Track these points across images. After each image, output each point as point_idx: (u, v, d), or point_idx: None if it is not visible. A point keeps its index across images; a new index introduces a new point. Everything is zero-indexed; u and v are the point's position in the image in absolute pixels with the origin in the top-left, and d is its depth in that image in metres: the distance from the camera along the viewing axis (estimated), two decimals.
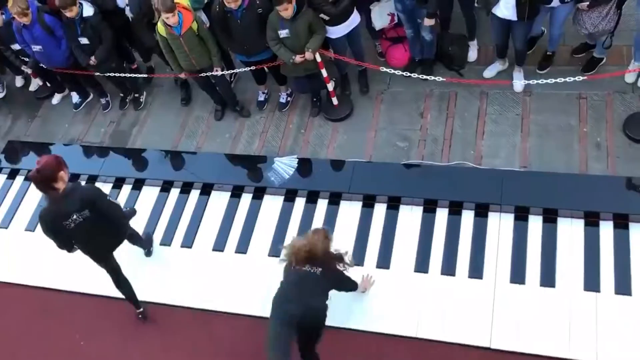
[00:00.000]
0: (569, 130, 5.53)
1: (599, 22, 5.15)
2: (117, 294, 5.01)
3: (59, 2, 5.95)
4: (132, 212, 5.28)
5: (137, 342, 5.03)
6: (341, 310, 4.61)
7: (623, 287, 4.38)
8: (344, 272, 4.24)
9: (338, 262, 4.16)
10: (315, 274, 3.98)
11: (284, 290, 4.06)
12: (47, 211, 4.31)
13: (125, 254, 5.08)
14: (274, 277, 4.91)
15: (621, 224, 4.66)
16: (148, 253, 5.43)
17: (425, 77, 5.64)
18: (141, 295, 5.13)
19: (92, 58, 6.36)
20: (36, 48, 6.47)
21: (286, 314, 3.92)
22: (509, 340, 4.32)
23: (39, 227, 5.83)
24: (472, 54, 6.28)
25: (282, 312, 3.95)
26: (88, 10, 6.12)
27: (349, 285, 4.43)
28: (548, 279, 4.53)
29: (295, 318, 3.89)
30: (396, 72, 5.71)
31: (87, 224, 4.33)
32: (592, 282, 4.44)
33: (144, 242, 5.35)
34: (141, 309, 5.06)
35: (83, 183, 6.01)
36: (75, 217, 4.27)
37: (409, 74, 5.66)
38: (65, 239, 4.48)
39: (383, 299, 4.73)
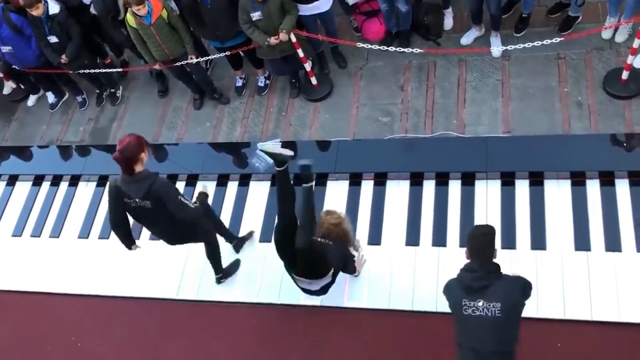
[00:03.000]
0: (549, 91, 5.53)
1: None
2: (108, 292, 4.98)
3: (24, 0, 5.82)
4: (204, 199, 4.66)
5: (134, 339, 5.01)
6: (337, 291, 4.62)
7: (613, 244, 4.41)
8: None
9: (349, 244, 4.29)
10: (323, 243, 4.04)
11: None
12: (115, 185, 4.17)
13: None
14: (266, 264, 4.94)
15: (607, 181, 4.67)
16: (236, 247, 5.13)
17: (402, 49, 5.59)
18: (136, 292, 5.13)
19: (63, 56, 6.25)
20: (5, 49, 6.36)
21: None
22: None
23: (25, 231, 5.87)
24: (448, 22, 6.24)
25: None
26: (54, 8, 6.01)
27: (351, 268, 4.44)
28: (539, 241, 4.54)
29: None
30: (373, 47, 5.66)
31: (147, 213, 4.19)
32: (582, 242, 4.46)
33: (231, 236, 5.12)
34: (220, 275, 4.94)
35: (66, 184, 5.97)
36: (138, 200, 4.12)
37: (385, 48, 5.61)
38: (125, 222, 4.35)
39: (376, 274, 4.73)
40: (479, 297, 3.37)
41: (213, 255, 4.81)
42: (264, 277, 4.93)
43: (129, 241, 4.48)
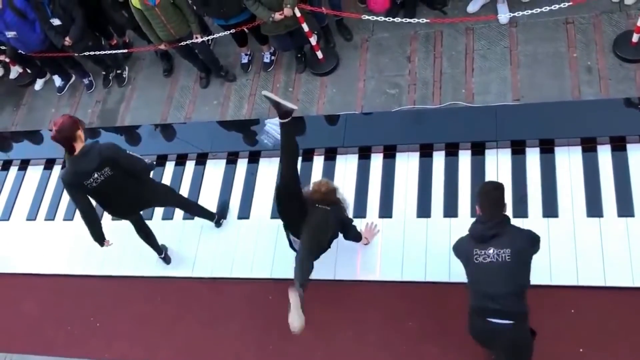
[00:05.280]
0: (558, 57, 5.47)
1: None
2: (124, 272, 5.06)
3: None
4: (152, 165, 4.90)
5: (150, 317, 5.09)
6: (350, 264, 4.66)
7: (625, 209, 4.39)
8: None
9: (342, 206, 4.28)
10: (325, 209, 4.09)
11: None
12: (68, 173, 4.27)
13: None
14: (280, 239, 4.97)
15: (619, 146, 4.64)
16: (217, 224, 5.27)
17: (408, 20, 5.52)
18: (152, 271, 5.20)
19: (67, 39, 6.24)
20: (10, 34, 6.34)
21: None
22: None
23: (40, 215, 5.93)
24: None
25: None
26: None
27: (354, 233, 4.46)
28: (550, 209, 4.54)
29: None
30: (378, 18, 5.60)
31: (109, 182, 4.25)
32: (594, 208, 4.45)
33: (211, 214, 5.21)
34: (163, 255, 5.12)
35: None
36: (96, 175, 4.20)
37: (391, 19, 5.54)
38: (89, 205, 4.41)
39: (389, 247, 4.76)
40: (490, 246, 3.48)
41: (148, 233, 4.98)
42: (277, 251, 4.98)
43: (101, 236, 4.54)
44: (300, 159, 5.36)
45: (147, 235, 4.99)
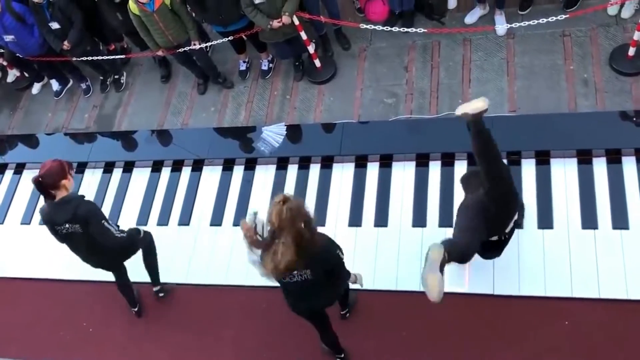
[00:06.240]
0: (555, 69, 5.49)
1: None
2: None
3: None
4: (146, 237, 4.79)
5: (144, 323, 5.07)
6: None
7: (620, 221, 4.41)
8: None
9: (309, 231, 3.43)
10: (306, 278, 3.54)
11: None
12: (44, 212, 4.25)
13: None
14: None
15: (614, 159, 4.66)
16: (160, 291, 5.11)
17: (406, 30, 5.55)
18: (145, 277, 5.15)
19: (65, 42, 6.24)
20: (9, 38, 6.35)
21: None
22: (512, 285, 4.36)
23: (34, 219, 5.91)
24: (452, 1, 6.18)
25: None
26: None
27: (345, 273, 3.83)
28: (545, 220, 4.55)
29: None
30: (376, 27, 5.62)
31: (78, 237, 4.25)
32: (589, 220, 4.47)
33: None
34: (137, 308, 5.06)
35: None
36: (67, 226, 4.17)
37: (389, 28, 5.57)
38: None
39: (384, 256, 4.76)
40: None
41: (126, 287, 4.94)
42: None
43: None
44: (296, 167, 5.39)
45: (124, 288, 4.94)
